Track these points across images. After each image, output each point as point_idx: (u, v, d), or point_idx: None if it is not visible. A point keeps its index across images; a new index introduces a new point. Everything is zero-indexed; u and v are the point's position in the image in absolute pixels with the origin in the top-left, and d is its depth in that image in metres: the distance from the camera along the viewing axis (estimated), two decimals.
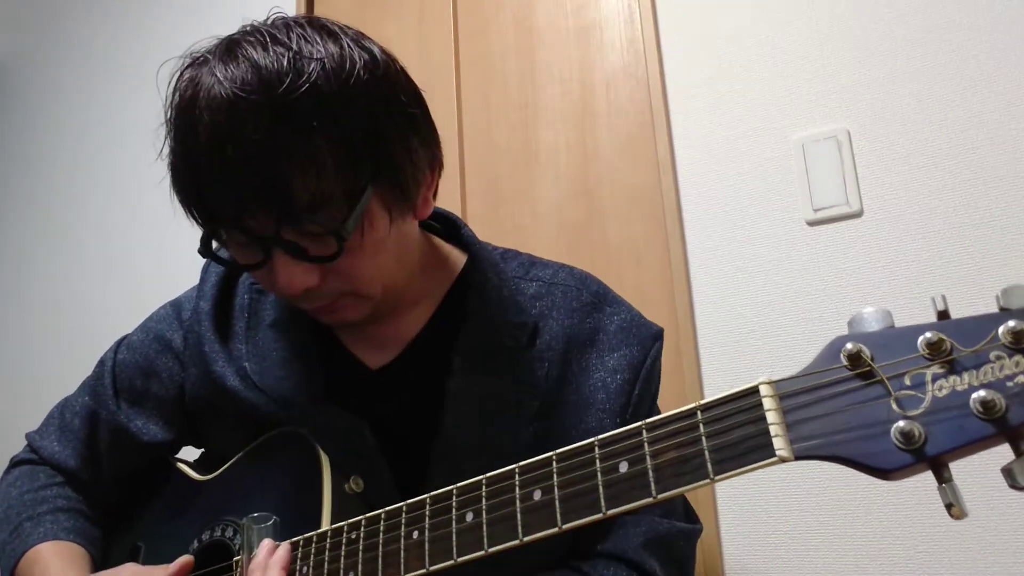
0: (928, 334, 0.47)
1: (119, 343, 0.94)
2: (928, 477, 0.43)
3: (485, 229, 1.78)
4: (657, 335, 0.83)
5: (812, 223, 1.51)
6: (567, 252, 1.70)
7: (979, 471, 1.31)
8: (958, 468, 0.42)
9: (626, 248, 1.65)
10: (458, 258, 0.88)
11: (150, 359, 0.89)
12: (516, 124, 1.83)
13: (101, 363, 0.92)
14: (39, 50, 2.71)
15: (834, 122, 1.52)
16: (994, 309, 0.44)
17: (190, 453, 0.95)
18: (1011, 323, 0.42)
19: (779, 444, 0.45)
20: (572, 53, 1.81)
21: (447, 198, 1.84)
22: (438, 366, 0.80)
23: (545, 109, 1.81)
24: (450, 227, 0.90)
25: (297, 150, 0.64)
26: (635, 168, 1.68)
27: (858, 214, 1.47)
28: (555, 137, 1.78)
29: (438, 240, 0.89)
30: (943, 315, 0.48)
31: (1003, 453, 0.41)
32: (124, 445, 0.88)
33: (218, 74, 0.66)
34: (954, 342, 0.45)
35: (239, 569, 0.70)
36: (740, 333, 1.51)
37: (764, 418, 0.46)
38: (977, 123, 1.41)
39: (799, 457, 0.44)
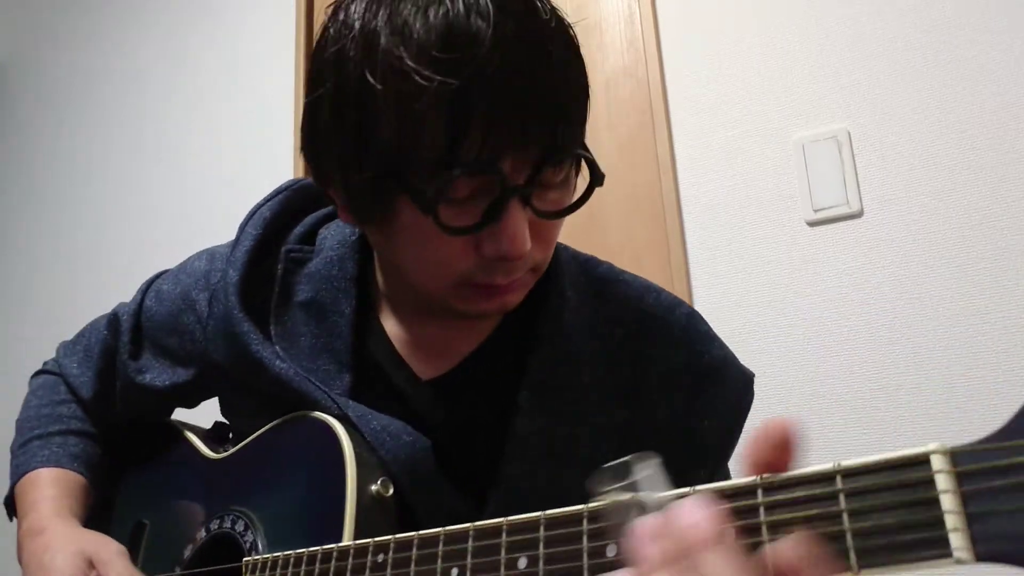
0: None
1: (149, 285, 0.88)
2: None
3: None
4: (749, 381, 0.74)
5: (812, 223, 1.50)
6: None
7: None
8: None
9: (626, 248, 1.65)
10: None
11: (174, 315, 0.82)
12: None
13: (126, 305, 0.88)
14: (39, 50, 2.71)
15: (834, 122, 1.52)
16: (998, 307, 0.39)
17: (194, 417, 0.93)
18: None
19: (958, 541, 0.33)
20: None
21: None
22: (500, 392, 0.70)
23: None
24: None
25: (571, 78, 0.61)
26: (635, 168, 1.68)
27: (858, 214, 1.47)
28: None
29: None
30: None
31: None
32: (132, 392, 0.85)
33: None
34: None
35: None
36: (740, 333, 1.51)
37: (937, 501, 0.34)
38: (977, 123, 1.41)
39: (983, 559, 0.33)
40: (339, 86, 0.60)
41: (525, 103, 0.57)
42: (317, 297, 0.74)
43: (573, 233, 1.71)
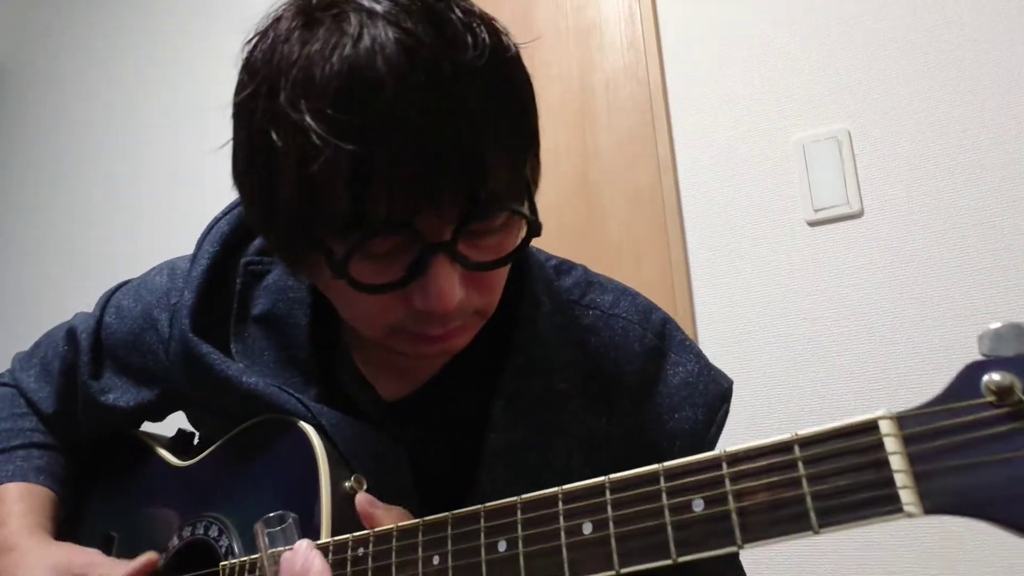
0: None
1: (107, 300, 0.84)
2: None
3: None
4: (725, 395, 0.72)
5: (812, 223, 1.50)
6: (567, 252, 1.69)
7: None
8: None
9: (626, 248, 1.65)
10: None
11: (135, 334, 0.79)
12: None
13: (85, 318, 0.84)
14: (39, 51, 2.71)
15: (834, 122, 1.52)
16: (998, 307, 0.42)
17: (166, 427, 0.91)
18: None
19: (908, 497, 0.37)
20: (572, 53, 1.81)
21: None
22: (471, 408, 0.69)
23: (545, 109, 1.80)
24: None
25: (496, 125, 0.54)
26: (635, 168, 1.68)
27: (858, 214, 1.47)
28: (555, 137, 1.78)
29: None
30: None
31: None
32: (96, 411, 0.82)
33: (379, 27, 0.51)
34: None
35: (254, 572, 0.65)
36: (740, 333, 1.51)
37: (887, 463, 0.37)
38: (977, 123, 1.41)
39: (930, 512, 0.37)
40: (249, 137, 0.56)
41: (433, 160, 0.51)
42: (273, 309, 0.72)
43: (574, 233, 1.72)
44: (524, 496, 0.49)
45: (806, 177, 1.52)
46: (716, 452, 0.43)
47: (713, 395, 0.70)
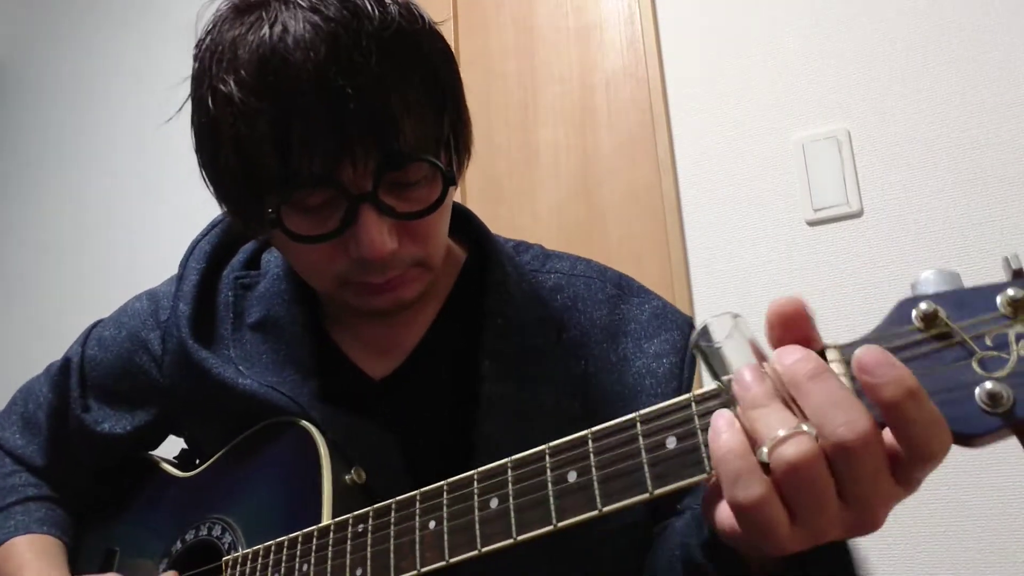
0: (1010, 291, 0.43)
1: (87, 336, 0.86)
2: (930, 477, 0.42)
3: None
4: (690, 322, 0.78)
5: (812, 223, 1.51)
6: (567, 251, 1.70)
7: (979, 471, 1.31)
8: (957, 467, 0.41)
9: (626, 248, 1.65)
10: (458, 253, 0.81)
11: (124, 358, 0.82)
12: (516, 124, 1.83)
13: (67, 358, 0.85)
14: (39, 50, 2.71)
15: (834, 122, 1.52)
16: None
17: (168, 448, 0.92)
18: None
19: None
20: (572, 53, 1.81)
21: None
22: (458, 373, 0.73)
23: (545, 109, 1.81)
24: (456, 217, 0.78)
25: (402, 85, 0.60)
26: (635, 168, 1.68)
27: (858, 214, 1.47)
28: (555, 137, 1.78)
29: None
30: (1018, 273, 0.45)
31: (998, 452, 0.40)
32: (94, 445, 0.83)
33: (295, 10, 0.60)
34: None
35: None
36: None
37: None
38: (977, 123, 1.41)
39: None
40: (196, 115, 0.65)
41: (341, 115, 0.58)
42: (270, 314, 0.77)
43: (573, 233, 1.72)
44: (513, 457, 0.52)
45: (806, 177, 1.52)
46: (686, 396, 0.46)
47: (682, 320, 0.77)
